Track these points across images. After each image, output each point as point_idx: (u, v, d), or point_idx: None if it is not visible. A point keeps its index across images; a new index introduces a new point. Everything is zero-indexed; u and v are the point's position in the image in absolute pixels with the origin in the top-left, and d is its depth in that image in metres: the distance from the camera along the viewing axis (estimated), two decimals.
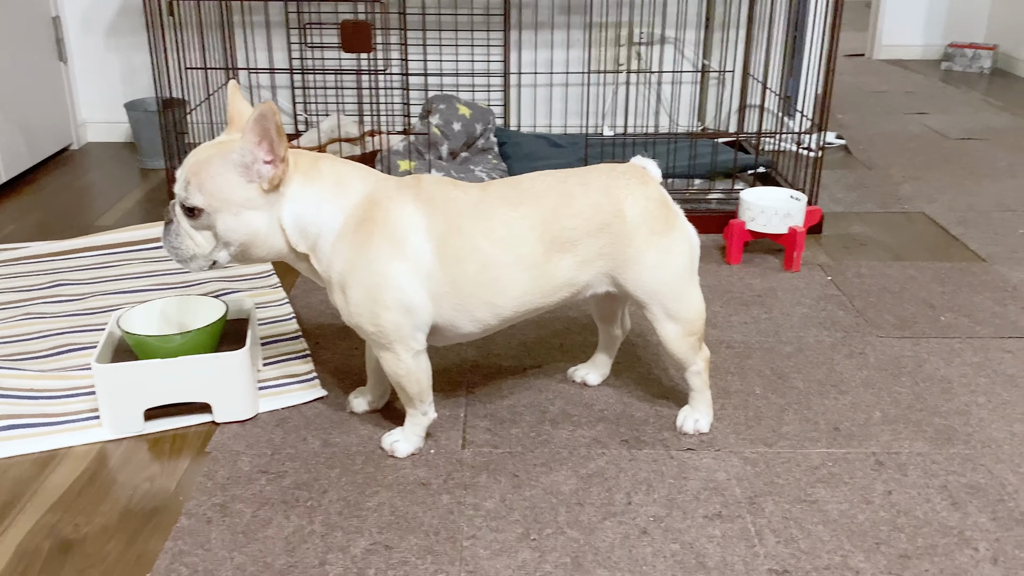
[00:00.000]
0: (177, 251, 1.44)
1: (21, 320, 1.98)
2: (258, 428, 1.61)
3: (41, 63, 3.21)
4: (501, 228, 1.44)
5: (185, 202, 1.39)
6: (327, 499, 1.42)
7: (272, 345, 1.89)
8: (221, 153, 1.39)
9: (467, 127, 2.93)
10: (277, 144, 1.36)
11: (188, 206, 1.40)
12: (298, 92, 3.35)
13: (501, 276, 1.45)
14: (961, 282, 2.27)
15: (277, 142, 1.36)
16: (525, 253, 1.45)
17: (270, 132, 1.34)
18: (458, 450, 1.55)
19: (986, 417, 1.67)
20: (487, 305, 1.46)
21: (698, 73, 3.42)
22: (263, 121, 1.34)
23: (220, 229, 1.40)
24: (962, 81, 4.96)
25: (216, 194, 1.38)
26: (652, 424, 1.64)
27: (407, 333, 1.45)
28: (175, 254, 1.45)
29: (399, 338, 1.44)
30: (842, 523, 1.38)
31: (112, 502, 1.42)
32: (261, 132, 1.35)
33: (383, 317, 1.42)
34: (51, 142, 3.28)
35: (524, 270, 1.46)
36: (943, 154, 3.48)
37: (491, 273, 1.44)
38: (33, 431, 1.59)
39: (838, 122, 3.95)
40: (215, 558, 1.29)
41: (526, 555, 1.30)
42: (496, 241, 1.44)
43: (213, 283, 2.17)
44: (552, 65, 3.38)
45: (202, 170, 1.38)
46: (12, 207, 2.79)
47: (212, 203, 1.39)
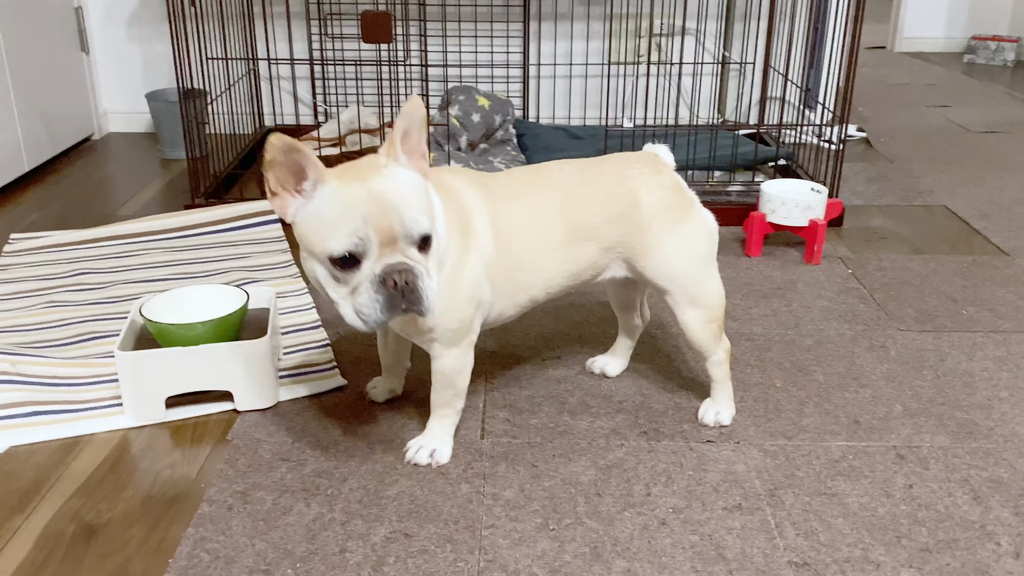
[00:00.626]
0: (421, 303, 1.24)
1: (44, 308, 2.00)
2: (279, 416, 1.62)
3: (63, 53, 3.23)
4: (532, 212, 1.45)
5: (422, 232, 1.23)
6: (347, 487, 1.43)
7: (292, 334, 1.90)
8: (397, 166, 1.27)
9: (486, 118, 2.93)
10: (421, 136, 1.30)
11: (425, 235, 1.24)
12: (318, 83, 3.36)
13: (538, 259, 1.46)
14: (983, 276, 2.25)
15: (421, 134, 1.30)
16: (555, 237, 1.46)
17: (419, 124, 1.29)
18: (477, 440, 1.56)
19: (1008, 411, 1.65)
20: (525, 288, 1.47)
21: (718, 65, 3.41)
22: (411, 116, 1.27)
23: (435, 251, 1.29)
24: (985, 74, 4.91)
25: (430, 209, 1.28)
26: (671, 416, 1.63)
27: (476, 326, 1.44)
28: (427, 306, 1.24)
29: (469, 331, 1.43)
30: (862, 516, 1.37)
31: (134, 488, 1.44)
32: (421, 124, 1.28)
33: (466, 312, 1.40)
34: (73, 132, 3.30)
35: (553, 252, 1.46)
36: (965, 147, 3.45)
37: (530, 256, 1.45)
38: (56, 418, 1.60)
39: (859, 115, 3.92)
40: (236, 545, 1.30)
41: (545, 545, 1.30)
42: (531, 224, 1.45)
43: (234, 272, 2.18)
44: (571, 56, 3.37)
45: (411, 188, 1.26)
46: (35, 196, 2.81)
47: (432, 221, 1.26)
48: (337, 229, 1.20)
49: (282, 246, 2.36)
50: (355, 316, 1.24)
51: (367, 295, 1.22)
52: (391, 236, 1.21)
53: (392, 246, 1.22)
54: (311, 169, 1.23)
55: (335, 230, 1.21)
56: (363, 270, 1.22)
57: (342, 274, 1.22)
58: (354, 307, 1.23)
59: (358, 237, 1.20)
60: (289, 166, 1.22)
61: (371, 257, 1.22)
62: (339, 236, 1.20)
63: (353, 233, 1.20)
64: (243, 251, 2.33)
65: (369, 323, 1.23)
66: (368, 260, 1.22)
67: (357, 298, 1.23)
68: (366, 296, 1.22)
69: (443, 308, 1.36)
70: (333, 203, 1.22)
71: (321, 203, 1.23)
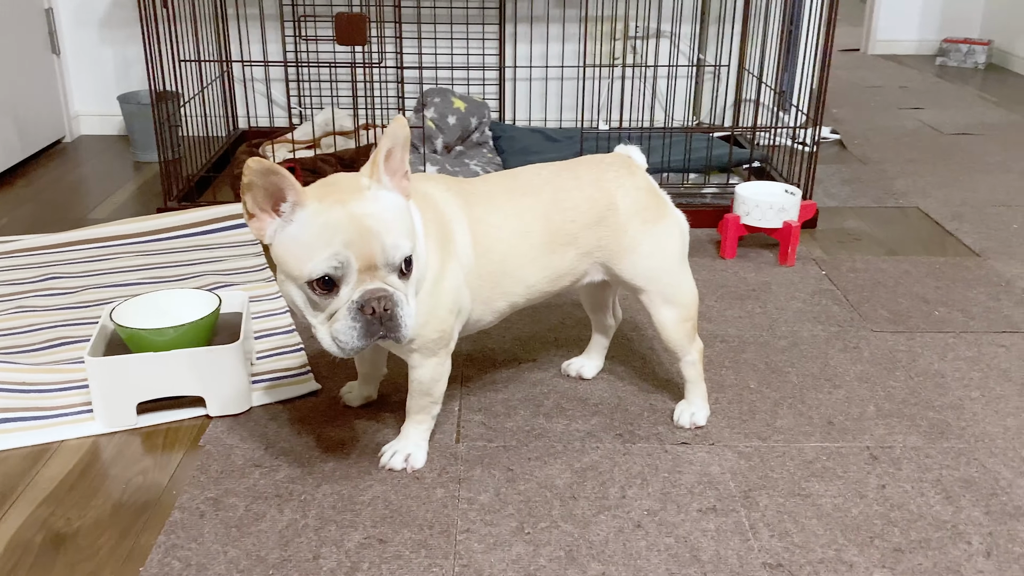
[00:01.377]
0: (399, 329, 1.22)
1: (14, 313, 1.97)
2: (251, 422, 1.61)
3: (34, 55, 3.19)
4: (513, 219, 1.45)
5: (403, 256, 1.22)
6: (321, 493, 1.42)
7: (265, 339, 1.88)
8: (379, 189, 1.25)
9: (462, 121, 2.92)
10: (404, 155, 1.28)
11: (407, 259, 1.23)
12: (292, 85, 3.34)
13: (517, 266, 1.45)
14: (955, 277, 2.27)
15: (404, 154, 1.28)
16: (535, 243, 1.46)
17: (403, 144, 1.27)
18: (452, 444, 1.55)
19: (980, 411, 1.67)
20: (505, 295, 1.47)
21: (693, 67, 3.42)
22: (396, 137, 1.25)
23: (416, 272, 1.27)
24: (957, 76, 4.97)
25: (412, 231, 1.26)
26: (646, 418, 1.64)
27: (454, 334, 1.44)
28: (404, 332, 1.23)
29: (448, 340, 1.42)
30: (836, 517, 1.38)
31: (105, 496, 1.42)
32: (404, 144, 1.27)
33: (446, 322, 1.39)
34: (44, 135, 3.26)
35: (534, 259, 1.46)
36: (938, 149, 3.48)
37: (510, 263, 1.45)
38: (25, 424, 1.58)
39: (833, 117, 3.95)
40: (208, 552, 1.29)
41: (520, 549, 1.30)
42: (511, 231, 1.44)
43: (207, 276, 2.16)
44: (547, 59, 3.37)
45: (393, 212, 1.23)
46: (5, 200, 2.78)
47: (413, 244, 1.25)
48: (316, 252, 1.18)
49: (255, 249, 2.34)
50: (332, 342, 1.22)
51: (344, 321, 1.20)
52: (371, 263, 1.20)
53: (372, 272, 1.20)
54: (290, 192, 1.20)
55: (314, 253, 1.19)
56: (341, 296, 1.20)
57: (320, 299, 1.21)
58: (331, 333, 1.22)
59: (338, 261, 1.18)
60: (267, 188, 1.20)
61: (350, 283, 1.20)
62: (318, 259, 1.18)
63: (333, 257, 1.18)
64: (216, 255, 2.31)
65: (346, 349, 1.22)
66: (347, 286, 1.20)
67: (334, 324, 1.21)
68: (343, 323, 1.20)
69: (424, 319, 1.35)
70: (313, 226, 1.20)
71: (300, 226, 1.21)
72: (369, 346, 1.23)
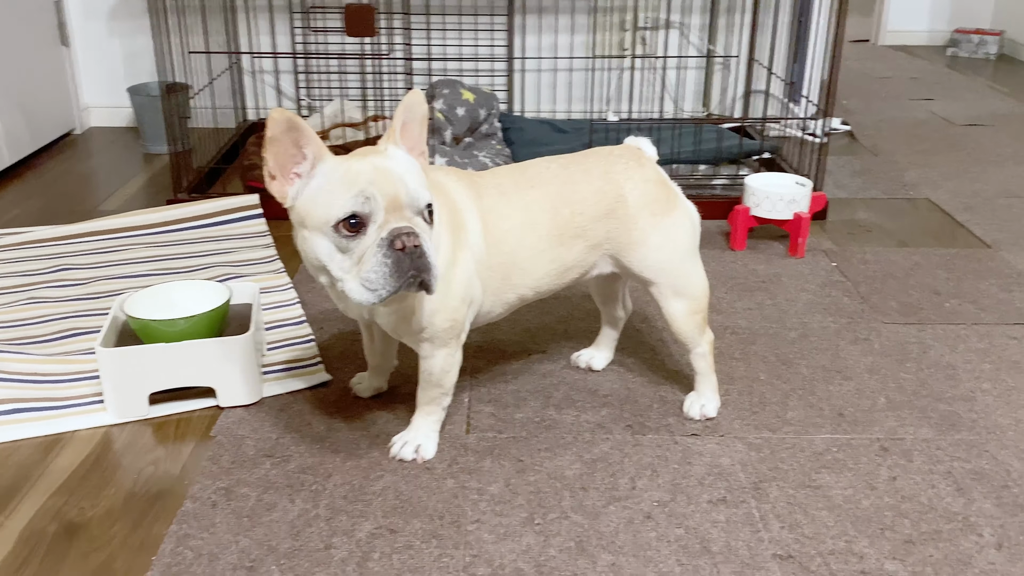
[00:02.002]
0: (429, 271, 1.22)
1: (25, 304, 1.98)
2: (263, 413, 1.61)
3: (43, 47, 3.20)
4: (522, 211, 1.45)
5: (426, 200, 1.25)
6: (332, 483, 1.42)
7: (276, 330, 1.89)
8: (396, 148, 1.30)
9: (471, 112, 2.92)
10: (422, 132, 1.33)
11: (429, 204, 1.25)
12: (301, 77, 3.34)
13: (527, 258, 1.45)
14: (966, 268, 2.27)
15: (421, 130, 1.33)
16: (544, 235, 1.46)
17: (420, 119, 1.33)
18: (462, 435, 1.55)
19: (991, 403, 1.66)
20: (515, 287, 1.47)
21: (703, 58, 3.41)
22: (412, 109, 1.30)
23: (436, 228, 1.31)
24: (968, 67, 4.94)
25: (428, 188, 1.29)
26: (656, 409, 1.64)
27: (466, 325, 1.44)
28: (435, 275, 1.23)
29: (459, 331, 1.42)
30: (846, 508, 1.38)
31: (117, 486, 1.43)
32: (422, 120, 1.32)
33: (459, 311, 1.39)
34: (54, 127, 3.27)
35: (542, 252, 1.46)
36: (948, 140, 3.46)
37: (519, 255, 1.45)
38: (38, 415, 1.59)
39: (843, 108, 3.94)
40: (220, 542, 1.29)
41: (530, 539, 1.30)
42: (520, 223, 1.44)
43: (218, 268, 2.17)
44: (556, 50, 3.36)
45: (411, 165, 1.27)
46: (15, 192, 2.79)
47: (432, 197, 1.28)
48: (343, 194, 1.20)
49: (266, 241, 2.35)
50: (361, 288, 1.21)
51: (374, 259, 1.20)
52: (397, 202, 1.21)
53: (398, 212, 1.21)
54: (310, 147, 1.23)
55: (340, 195, 1.20)
56: (369, 235, 1.21)
57: (347, 241, 1.21)
58: (360, 278, 1.21)
59: (365, 197, 1.19)
60: (289, 143, 1.22)
61: (377, 221, 1.21)
62: (345, 199, 1.20)
63: (360, 193, 1.19)
64: (226, 246, 2.32)
65: (377, 291, 1.21)
66: (374, 224, 1.21)
67: (363, 267, 1.21)
68: (373, 262, 1.20)
69: (435, 307, 1.36)
70: (336, 174, 1.23)
71: (323, 177, 1.23)
72: (398, 290, 1.21)
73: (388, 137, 1.29)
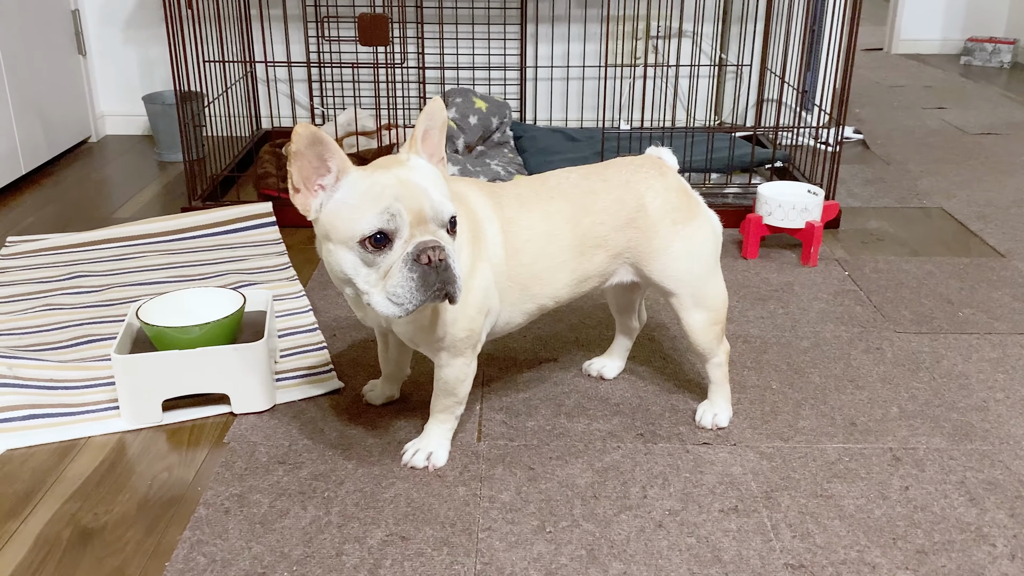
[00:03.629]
0: (455, 283, 1.23)
1: (40, 311, 2.00)
2: (275, 419, 1.62)
3: (60, 56, 3.23)
4: (542, 222, 1.46)
5: (450, 213, 1.25)
6: (344, 490, 1.43)
7: (289, 337, 1.90)
8: (418, 158, 1.30)
9: (483, 121, 2.93)
10: (441, 139, 1.33)
11: (453, 217, 1.26)
12: (315, 86, 3.36)
13: (547, 269, 1.46)
14: (979, 278, 2.26)
15: (441, 137, 1.34)
16: (564, 246, 1.46)
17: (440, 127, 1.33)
18: (474, 443, 1.56)
19: (1004, 413, 1.66)
20: (534, 297, 1.47)
21: (715, 67, 3.41)
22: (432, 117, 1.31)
23: (460, 239, 1.32)
24: (981, 76, 4.92)
25: (451, 199, 1.29)
26: (668, 418, 1.64)
27: (482, 335, 1.44)
28: (455, 287, 1.23)
29: (476, 341, 1.43)
30: (859, 518, 1.37)
31: (131, 492, 1.43)
32: (442, 127, 1.33)
33: (476, 321, 1.40)
34: (70, 135, 3.30)
35: (564, 263, 1.47)
36: (962, 149, 3.45)
37: (540, 265, 1.45)
38: (53, 421, 1.60)
39: (856, 116, 3.93)
40: (233, 548, 1.30)
41: (541, 547, 1.30)
42: (541, 234, 1.45)
43: (231, 276, 2.18)
44: (569, 59, 3.37)
45: (433, 176, 1.28)
46: (31, 199, 2.81)
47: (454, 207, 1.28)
48: (368, 209, 1.21)
49: (279, 248, 2.36)
50: (387, 302, 1.22)
51: (400, 275, 1.21)
52: (422, 217, 1.22)
53: (423, 226, 1.22)
54: (334, 160, 1.24)
55: (365, 210, 1.21)
56: (395, 250, 1.21)
57: (373, 256, 1.21)
58: (386, 292, 1.22)
59: (390, 214, 1.20)
60: (313, 157, 1.23)
61: (403, 236, 1.21)
62: (371, 215, 1.20)
63: (386, 211, 1.20)
64: (240, 254, 2.33)
65: (404, 305, 1.21)
66: (400, 239, 1.21)
67: (389, 281, 1.21)
68: (399, 276, 1.21)
69: (453, 316, 1.36)
70: (360, 188, 1.23)
71: (348, 191, 1.24)
72: (424, 302, 1.22)
73: (409, 146, 1.30)
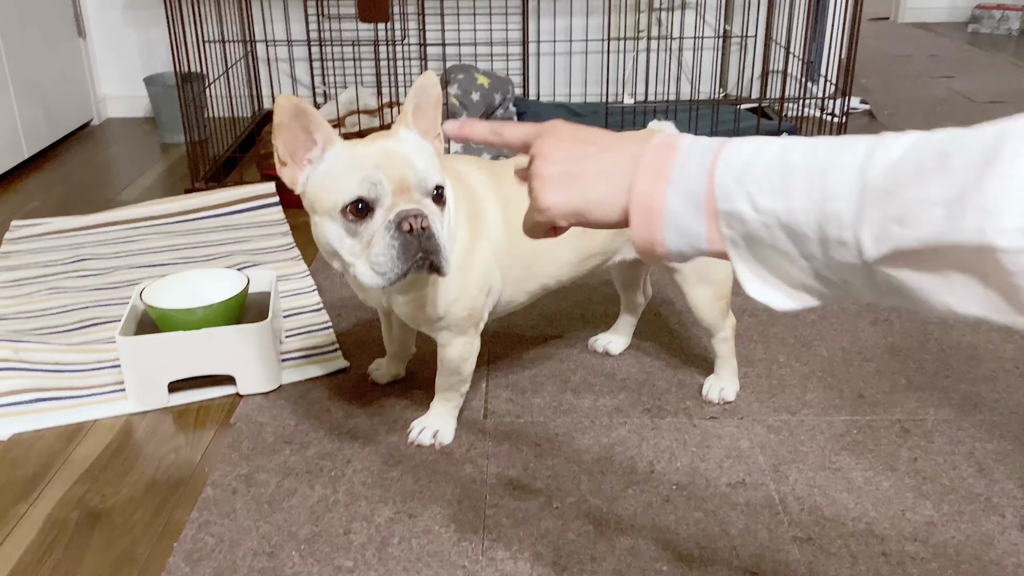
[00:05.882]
0: (439, 252, 1.21)
1: (46, 295, 2.00)
2: (281, 400, 1.62)
3: (60, 39, 3.22)
4: None
5: (435, 182, 1.23)
6: (351, 469, 1.43)
7: (294, 317, 1.90)
8: (408, 130, 1.28)
9: (486, 97, 2.91)
10: (436, 115, 1.30)
11: (439, 186, 1.23)
12: (316, 64, 3.34)
13: (549, 247, 1.44)
14: None
15: (436, 112, 1.30)
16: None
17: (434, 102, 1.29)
18: (480, 420, 1.56)
19: (1013, 384, 1.65)
20: (536, 276, 1.46)
21: (720, 39, 3.38)
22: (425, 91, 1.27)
23: (449, 210, 1.29)
24: (989, 43, 4.87)
25: (440, 170, 1.26)
26: (674, 393, 1.63)
27: (484, 314, 1.44)
28: (446, 257, 1.21)
29: (478, 320, 1.42)
30: (867, 490, 1.37)
31: (138, 473, 1.44)
32: (436, 103, 1.29)
33: (477, 300, 1.39)
34: (72, 118, 3.29)
35: (565, 241, 1.45)
36: (970, 118, 3.40)
37: (542, 244, 1.43)
38: (59, 404, 1.60)
39: (862, 87, 3.89)
40: (241, 528, 1.30)
41: (549, 523, 1.30)
42: None
43: (236, 256, 2.17)
44: (571, 33, 3.34)
45: (420, 146, 1.26)
46: (34, 183, 2.81)
47: (444, 179, 1.26)
48: (350, 179, 1.20)
49: (283, 229, 2.35)
50: (371, 272, 1.21)
51: (382, 242, 1.19)
52: (404, 185, 1.20)
53: (406, 194, 1.21)
54: (319, 132, 1.22)
55: (346, 181, 1.20)
56: (376, 218, 1.20)
57: (355, 225, 1.20)
58: (369, 262, 1.21)
59: (371, 183, 1.19)
60: (298, 130, 1.22)
61: (384, 204, 1.20)
62: (352, 184, 1.19)
63: (365, 179, 1.19)
64: (244, 235, 2.33)
65: (386, 275, 1.20)
66: (381, 208, 1.20)
67: (372, 250, 1.20)
68: (381, 244, 1.19)
69: (454, 296, 1.36)
70: (344, 159, 1.22)
71: (332, 162, 1.23)
72: (408, 271, 1.20)
73: (400, 120, 1.29)
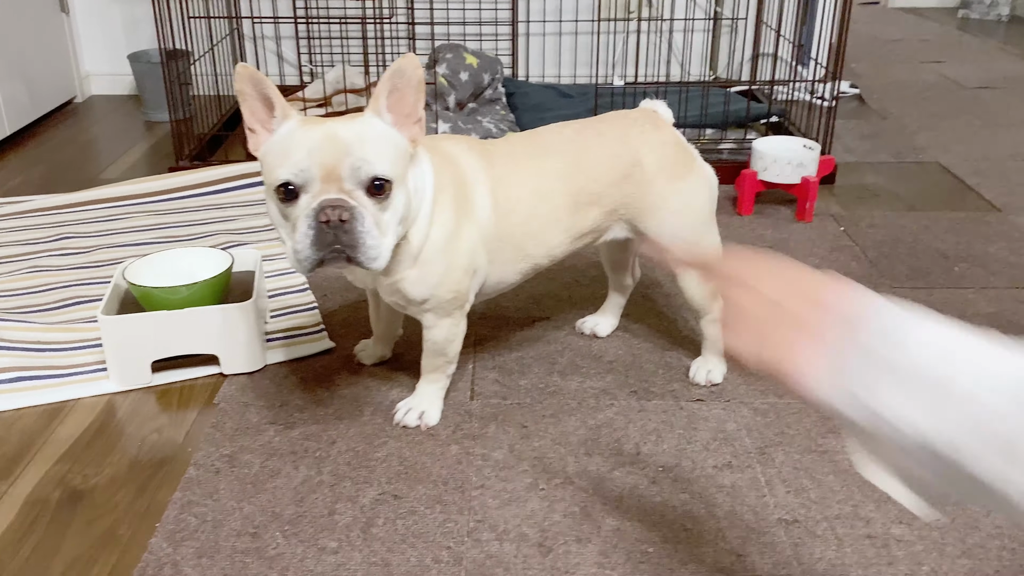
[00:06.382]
0: (368, 250, 1.18)
1: (27, 273, 1.97)
2: (266, 380, 1.61)
3: (43, 15, 3.17)
4: (535, 180, 1.43)
5: (372, 174, 1.18)
6: (335, 450, 1.42)
7: (279, 297, 1.88)
8: (374, 116, 1.24)
9: (474, 77, 2.89)
10: (417, 99, 1.24)
11: (378, 178, 1.19)
12: (303, 42, 3.30)
13: (541, 227, 1.43)
14: (975, 232, 2.24)
15: (417, 97, 1.24)
16: (558, 204, 1.44)
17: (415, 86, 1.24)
18: (466, 401, 1.55)
19: None
20: (528, 257, 1.45)
21: (710, 20, 3.36)
22: (404, 75, 1.22)
23: (397, 204, 1.23)
24: (979, 29, 4.87)
25: (397, 160, 1.22)
26: (661, 375, 1.62)
27: (470, 296, 1.42)
28: (366, 253, 1.19)
29: (463, 302, 1.41)
30: (853, 473, 1.37)
31: (121, 453, 1.42)
32: (417, 87, 1.23)
33: (462, 283, 1.38)
34: (55, 95, 3.25)
35: (557, 220, 1.44)
36: (959, 103, 3.42)
37: (533, 224, 1.43)
38: (40, 383, 1.58)
39: (852, 71, 3.89)
40: (224, 508, 1.29)
41: (535, 505, 1.30)
42: (533, 192, 1.42)
43: (220, 235, 2.15)
44: (561, 13, 3.32)
45: (375, 134, 1.22)
46: (17, 160, 2.77)
47: (396, 171, 1.21)
48: (283, 160, 1.19)
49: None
50: (292, 255, 1.20)
51: (301, 230, 1.18)
52: (335, 174, 1.18)
53: (335, 184, 1.18)
54: (276, 103, 1.22)
55: (282, 161, 1.19)
56: (300, 204, 1.19)
57: (285, 207, 1.20)
58: (292, 245, 1.20)
59: (299, 168, 1.17)
60: (257, 96, 1.22)
61: (310, 192, 1.18)
62: (284, 166, 1.18)
63: (295, 164, 1.17)
64: (228, 214, 2.30)
65: (302, 262, 1.19)
66: (307, 195, 1.18)
67: (295, 235, 1.19)
68: (299, 231, 1.18)
69: (438, 279, 1.35)
70: (288, 136, 1.21)
71: (280, 137, 1.22)
72: (324, 263, 1.19)
73: (371, 104, 1.24)
